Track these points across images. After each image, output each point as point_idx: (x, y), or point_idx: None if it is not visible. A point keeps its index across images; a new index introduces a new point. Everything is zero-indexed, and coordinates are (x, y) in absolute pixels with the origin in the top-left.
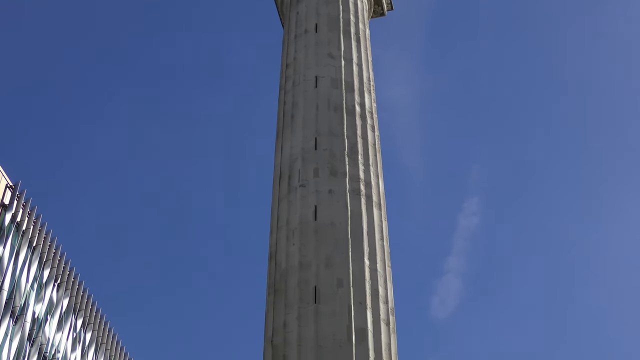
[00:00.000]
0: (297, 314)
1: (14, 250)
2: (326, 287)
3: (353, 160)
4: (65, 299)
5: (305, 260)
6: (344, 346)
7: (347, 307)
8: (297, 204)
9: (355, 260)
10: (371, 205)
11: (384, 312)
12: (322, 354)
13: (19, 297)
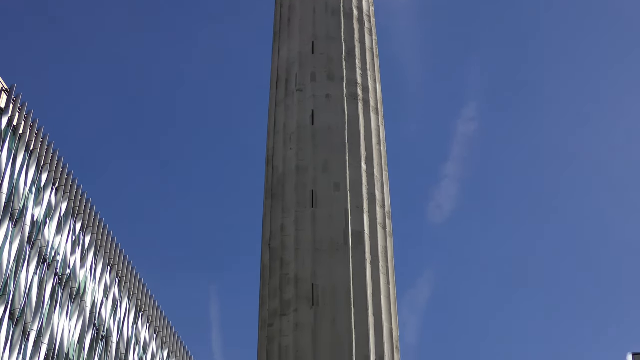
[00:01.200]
0: (295, 217)
1: (11, 154)
2: (323, 191)
3: (350, 64)
4: (64, 203)
5: (302, 164)
6: (340, 249)
7: (344, 210)
8: (294, 109)
9: (352, 164)
10: (368, 109)
11: (380, 215)
12: (319, 257)
13: (17, 200)
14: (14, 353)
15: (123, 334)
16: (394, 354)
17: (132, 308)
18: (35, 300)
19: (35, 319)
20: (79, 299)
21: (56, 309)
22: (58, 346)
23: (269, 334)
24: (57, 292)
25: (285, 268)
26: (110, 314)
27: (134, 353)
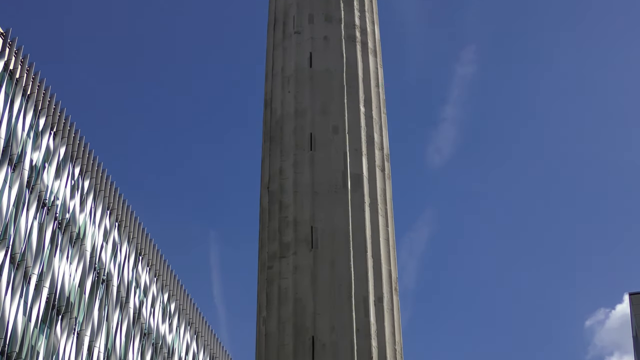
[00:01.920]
0: (293, 160)
1: (8, 98)
2: (321, 134)
3: (348, 6)
4: (62, 147)
5: (300, 107)
6: (339, 192)
7: (343, 153)
8: (292, 51)
9: (351, 107)
10: (367, 52)
11: (379, 158)
12: (318, 200)
13: (15, 145)
14: (16, 296)
15: (123, 278)
16: (392, 295)
17: (132, 252)
18: (35, 245)
19: (36, 263)
20: (78, 243)
21: (56, 253)
22: (59, 290)
23: (268, 276)
24: (57, 237)
25: (284, 211)
26: (110, 258)
27: (134, 296)
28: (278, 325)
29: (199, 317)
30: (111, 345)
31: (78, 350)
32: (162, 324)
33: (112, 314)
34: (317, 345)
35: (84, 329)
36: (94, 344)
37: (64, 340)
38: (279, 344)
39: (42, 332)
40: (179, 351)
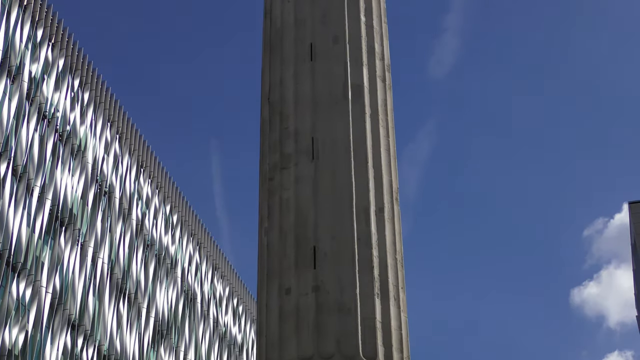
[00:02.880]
0: (293, 71)
1: (4, 9)
2: (322, 44)
3: None
4: (61, 59)
5: (300, 16)
6: (340, 103)
7: (343, 63)
8: None
9: (351, 16)
10: None
11: (380, 68)
12: (319, 111)
13: (14, 56)
14: (19, 208)
15: (125, 190)
16: (393, 205)
17: (133, 164)
18: (37, 157)
19: (38, 175)
20: (80, 155)
21: (58, 165)
22: (62, 202)
23: (269, 187)
24: (59, 149)
25: (284, 122)
26: (112, 170)
27: (136, 208)
28: (280, 235)
29: (201, 228)
30: (115, 256)
31: (82, 261)
32: (165, 236)
33: (115, 225)
34: (319, 255)
35: (88, 240)
36: (97, 255)
37: (67, 252)
38: (280, 255)
39: (46, 244)
40: (182, 262)
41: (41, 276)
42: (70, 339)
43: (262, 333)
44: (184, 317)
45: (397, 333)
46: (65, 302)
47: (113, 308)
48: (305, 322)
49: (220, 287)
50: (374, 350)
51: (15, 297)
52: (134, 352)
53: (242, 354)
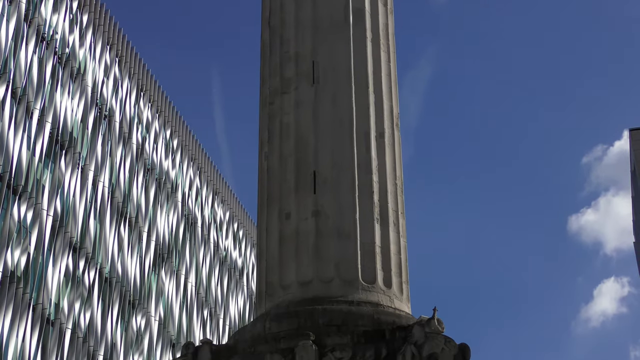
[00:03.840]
0: None
1: None
2: None
3: None
4: None
5: None
6: (340, 27)
7: None
8: None
9: None
10: None
11: None
12: (319, 35)
13: None
14: (19, 131)
15: (125, 114)
16: (394, 131)
17: (133, 88)
18: (36, 79)
19: (38, 97)
20: (79, 78)
21: (58, 88)
22: (62, 125)
23: (269, 112)
24: (58, 71)
25: (285, 46)
26: (112, 94)
27: (136, 132)
28: (280, 160)
29: (201, 153)
30: (115, 180)
31: (83, 185)
32: (165, 160)
33: (115, 149)
34: (319, 180)
35: (88, 164)
36: (98, 179)
37: (68, 175)
38: (280, 179)
39: (46, 167)
40: (182, 187)
41: (42, 199)
42: (72, 261)
43: (262, 257)
44: (185, 241)
45: (396, 258)
46: (66, 225)
47: (114, 231)
48: (304, 246)
49: (221, 211)
50: (373, 274)
51: (17, 220)
52: (135, 275)
53: (242, 278)
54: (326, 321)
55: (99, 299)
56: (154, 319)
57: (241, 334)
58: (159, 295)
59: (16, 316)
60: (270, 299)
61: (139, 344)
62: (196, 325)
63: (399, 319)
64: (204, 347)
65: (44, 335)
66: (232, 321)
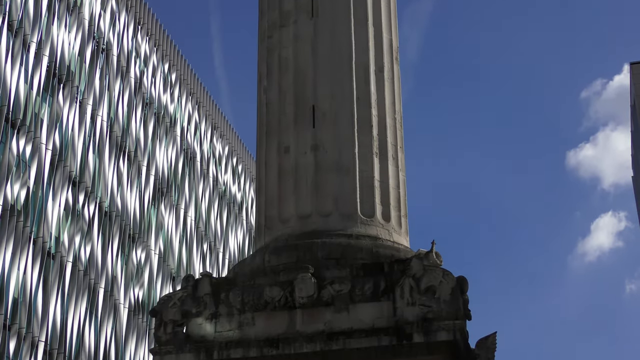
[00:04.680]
0: None
1: None
2: None
3: None
4: None
5: None
6: None
7: None
8: None
9: None
10: None
11: None
12: None
13: None
14: (16, 64)
15: (123, 47)
16: (393, 65)
17: (130, 21)
18: (32, 12)
19: (34, 30)
20: (76, 11)
21: (54, 21)
22: (59, 58)
23: (268, 45)
24: (54, 4)
25: None
26: (109, 27)
27: (134, 66)
28: (279, 94)
29: (200, 87)
30: (114, 114)
31: (81, 119)
32: (164, 94)
33: (113, 83)
34: (318, 114)
35: (86, 97)
36: (96, 113)
37: (66, 109)
38: (279, 113)
39: (44, 101)
40: (180, 121)
41: (40, 133)
42: (72, 195)
43: (262, 191)
44: (184, 175)
45: (395, 192)
46: (65, 159)
47: (113, 166)
48: (303, 180)
49: (220, 146)
50: (371, 208)
51: (16, 154)
52: (135, 209)
53: (241, 212)
54: (325, 254)
55: (99, 232)
56: (154, 252)
57: (240, 267)
58: (159, 229)
59: (17, 249)
60: (270, 233)
61: (139, 277)
62: (196, 258)
63: (398, 252)
64: (204, 279)
65: (45, 268)
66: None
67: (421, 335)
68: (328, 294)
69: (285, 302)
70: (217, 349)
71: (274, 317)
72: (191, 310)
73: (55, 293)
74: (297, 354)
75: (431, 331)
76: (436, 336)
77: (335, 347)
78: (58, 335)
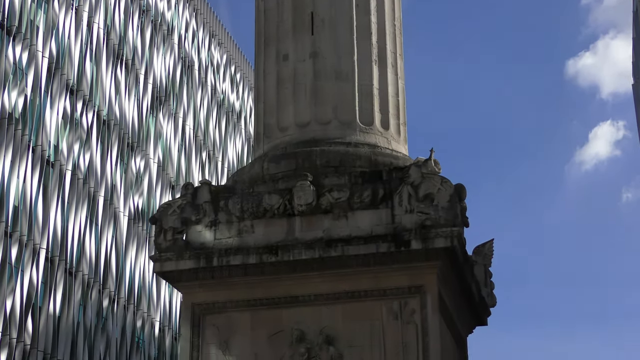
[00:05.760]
0: None
1: None
2: None
3: None
4: None
5: None
6: None
7: None
8: None
9: None
10: None
11: None
12: None
13: None
14: None
15: None
16: None
17: None
18: None
19: None
20: None
21: None
22: None
23: None
24: None
25: None
26: None
27: None
28: (277, 1)
29: None
30: (110, 21)
31: (77, 26)
32: (161, 1)
33: None
34: (316, 21)
35: (82, 4)
36: (93, 20)
37: (62, 16)
38: (278, 20)
39: (40, 7)
40: (178, 29)
41: (37, 40)
42: (69, 103)
43: (260, 99)
44: (182, 84)
45: (394, 100)
46: (62, 66)
47: (111, 74)
48: (302, 88)
49: (218, 54)
50: (370, 116)
51: (12, 61)
52: (133, 117)
53: (240, 121)
54: (324, 162)
55: (97, 141)
56: (153, 161)
57: (239, 175)
58: (157, 138)
59: (16, 157)
60: (268, 141)
61: (139, 186)
62: (195, 167)
63: (396, 160)
64: (203, 187)
65: (45, 176)
66: (230, 164)
67: (419, 242)
68: (327, 201)
69: (284, 210)
70: (217, 256)
71: (273, 224)
72: (191, 218)
73: (55, 201)
74: (295, 260)
75: (429, 238)
76: (434, 243)
77: (334, 253)
78: (59, 243)
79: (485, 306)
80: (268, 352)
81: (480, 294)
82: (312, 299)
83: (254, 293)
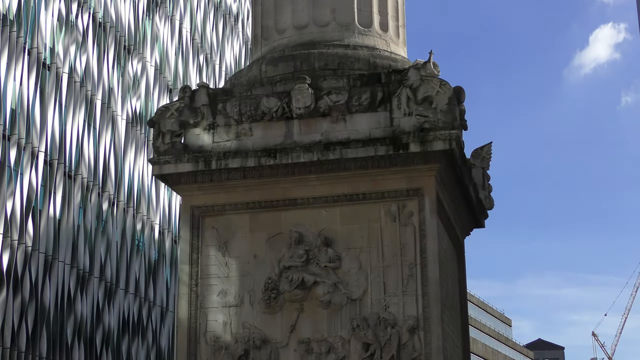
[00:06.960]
0: None
1: None
2: None
3: None
4: None
5: None
6: None
7: None
8: None
9: None
10: None
11: None
12: None
13: None
14: None
15: None
16: None
17: None
18: None
19: None
20: None
21: None
22: None
23: None
24: None
25: None
26: None
27: None
28: None
29: None
30: None
31: None
32: None
33: None
34: None
35: None
36: None
37: None
38: None
39: None
40: None
41: None
42: (64, 5)
43: (258, 1)
44: None
45: (393, 1)
46: None
47: None
48: None
49: None
50: (369, 18)
51: None
52: (129, 20)
53: (237, 24)
54: (322, 65)
55: (93, 44)
56: (150, 64)
57: (237, 78)
58: (154, 40)
59: (12, 60)
60: (266, 43)
61: (136, 89)
62: (192, 70)
63: (395, 62)
64: (201, 90)
65: (42, 79)
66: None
67: (417, 144)
68: (325, 104)
69: (283, 113)
70: (215, 159)
71: (271, 127)
72: (189, 121)
73: (53, 104)
74: (294, 163)
75: (427, 141)
76: (432, 145)
77: (332, 156)
78: (57, 147)
79: (482, 208)
80: (267, 253)
81: (478, 197)
82: (311, 201)
83: (252, 195)
